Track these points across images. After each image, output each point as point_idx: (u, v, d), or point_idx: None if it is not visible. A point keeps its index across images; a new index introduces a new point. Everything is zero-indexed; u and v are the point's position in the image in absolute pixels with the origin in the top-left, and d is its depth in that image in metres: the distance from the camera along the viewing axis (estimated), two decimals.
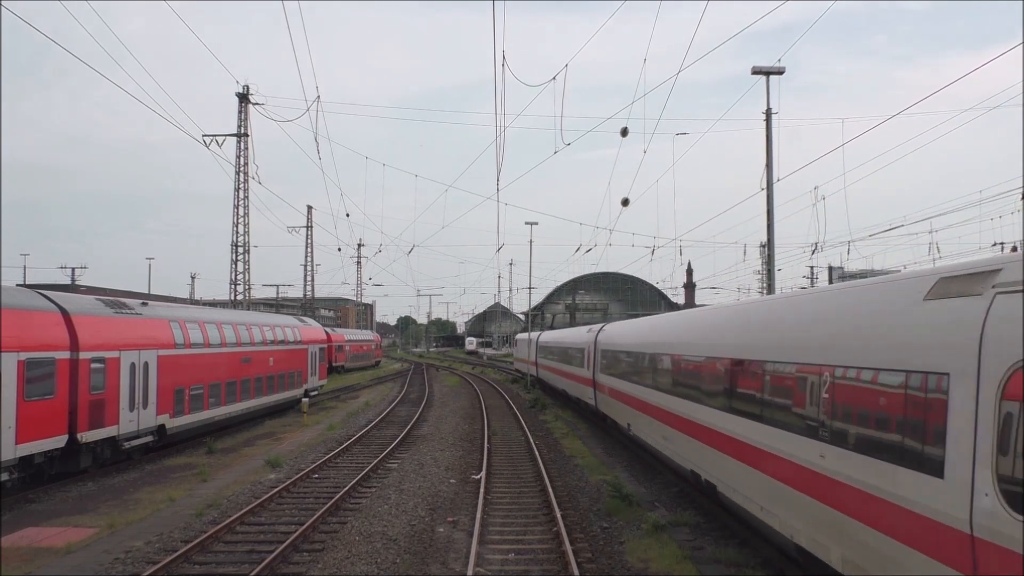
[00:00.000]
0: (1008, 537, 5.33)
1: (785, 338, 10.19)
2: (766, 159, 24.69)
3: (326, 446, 24.74)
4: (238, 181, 46.10)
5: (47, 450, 17.73)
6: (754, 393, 10.88)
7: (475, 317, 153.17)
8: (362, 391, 52.13)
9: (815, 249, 36.60)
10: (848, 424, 7.99)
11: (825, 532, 8.44)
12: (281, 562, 12.16)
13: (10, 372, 16.32)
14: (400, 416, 34.31)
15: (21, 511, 16.31)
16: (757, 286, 66.20)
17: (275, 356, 33.64)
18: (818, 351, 8.89)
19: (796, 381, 9.43)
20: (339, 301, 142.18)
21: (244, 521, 14.74)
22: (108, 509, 16.17)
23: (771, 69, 24.39)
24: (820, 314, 9.48)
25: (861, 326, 8.15)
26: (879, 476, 7.25)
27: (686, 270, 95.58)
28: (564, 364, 37.75)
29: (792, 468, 9.34)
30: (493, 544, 13.09)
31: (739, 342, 12.04)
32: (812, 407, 8.88)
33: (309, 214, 67.33)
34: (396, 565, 11.88)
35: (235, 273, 47.57)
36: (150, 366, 22.36)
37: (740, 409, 11.43)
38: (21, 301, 17.75)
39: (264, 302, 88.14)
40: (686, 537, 13.36)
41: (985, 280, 6.22)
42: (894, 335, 7.36)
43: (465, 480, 18.86)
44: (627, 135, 22.46)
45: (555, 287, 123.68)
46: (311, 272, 68.80)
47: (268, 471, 20.27)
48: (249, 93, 45.21)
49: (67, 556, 12.75)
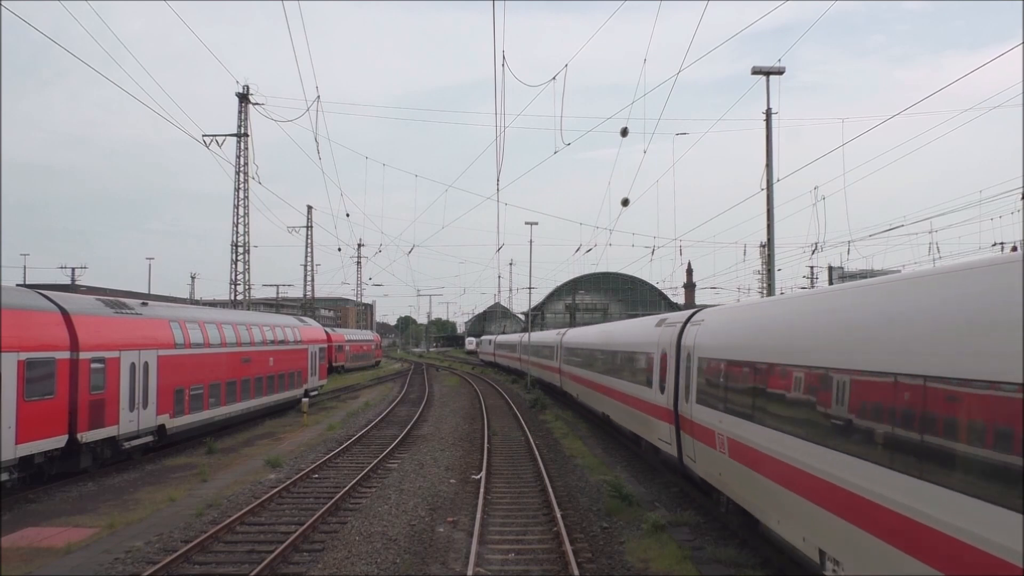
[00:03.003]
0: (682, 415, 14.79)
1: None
2: (766, 159, 24.69)
3: (326, 446, 24.74)
4: (238, 181, 46.12)
5: (47, 450, 17.73)
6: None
7: (475, 317, 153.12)
8: (362, 391, 52.13)
9: (815, 249, 36.63)
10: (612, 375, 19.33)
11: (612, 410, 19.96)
12: (281, 562, 12.16)
13: (10, 372, 16.32)
14: (400, 416, 34.31)
15: (21, 511, 16.31)
16: (757, 286, 66.21)
17: (275, 356, 33.64)
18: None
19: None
20: (339, 301, 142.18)
21: (244, 521, 14.74)
22: (108, 509, 16.17)
23: (771, 69, 24.37)
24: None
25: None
26: (640, 391, 19.08)
27: (686, 270, 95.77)
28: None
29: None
30: (493, 544, 13.09)
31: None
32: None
33: (309, 214, 67.33)
34: (396, 565, 11.88)
35: (235, 273, 47.57)
36: (150, 366, 22.36)
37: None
38: (21, 301, 17.75)
39: (264, 302, 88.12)
40: (686, 537, 13.37)
41: (683, 319, 16.28)
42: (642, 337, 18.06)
43: (465, 480, 18.86)
44: (627, 135, 22.49)
45: (555, 287, 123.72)
46: (311, 272, 68.80)
47: (268, 471, 20.27)
48: (249, 93, 45.20)
49: (67, 556, 12.75)
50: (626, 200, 28.27)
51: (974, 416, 6.05)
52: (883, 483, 7.15)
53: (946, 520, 6.20)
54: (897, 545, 6.87)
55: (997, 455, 5.73)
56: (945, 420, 6.38)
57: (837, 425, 8.27)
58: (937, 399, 6.48)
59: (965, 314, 6.38)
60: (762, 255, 45.86)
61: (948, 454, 6.31)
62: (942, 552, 6.23)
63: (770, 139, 24.73)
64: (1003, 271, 6.17)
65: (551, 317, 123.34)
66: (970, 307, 6.34)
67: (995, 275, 6.20)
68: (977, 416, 6.01)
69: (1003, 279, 6.06)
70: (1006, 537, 5.52)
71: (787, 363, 10.01)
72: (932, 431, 6.55)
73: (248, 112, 45.23)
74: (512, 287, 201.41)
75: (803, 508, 9.17)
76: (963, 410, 6.20)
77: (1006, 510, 5.56)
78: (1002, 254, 9.67)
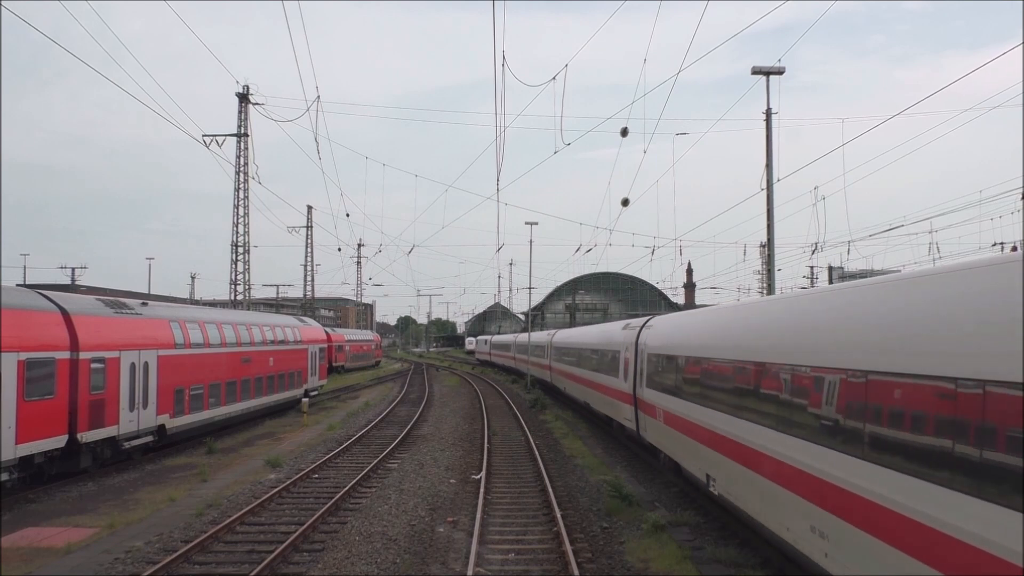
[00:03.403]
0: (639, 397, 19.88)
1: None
2: (766, 159, 24.70)
3: (326, 446, 24.74)
4: (238, 181, 46.11)
5: (47, 450, 17.73)
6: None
7: (475, 317, 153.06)
8: (362, 391, 52.13)
9: (815, 249, 36.65)
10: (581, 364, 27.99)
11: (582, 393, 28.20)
12: (281, 562, 12.17)
13: (10, 372, 16.32)
14: (400, 416, 34.31)
15: (21, 511, 16.31)
16: (757, 286, 66.20)
17: (275, 356, 33.64)
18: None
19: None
20: (339, 301, 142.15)
21: (244, 521, 14.74)
22: (108, 509, 16.17)
23: (771, 69, 24.38)
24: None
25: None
26: (608, 379, 24.55)
27: (686, 270, 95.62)
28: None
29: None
30: (493, 544, 13.09)
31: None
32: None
33: (309, 214, 67.31)
34: (396, 565, 11.88)
35: (235, 273, 47.56)
36: (150, 366, 22.36)
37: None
38: (21, 301, 17.75)
39: (264, 302, 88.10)
40: (686, 537, 13.36)
41: (640, 324, 20.94)
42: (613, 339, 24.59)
43: (465, 480, 18.85)
44: (627, 135, 22.49)
45: (555, 287, 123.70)
46: (311, 272, 68.78)
47: (268, 471, 20.27)
48: (249, 93, 45.18)
49: (67, 556, 12.75)
50: (626, 200, 28.33)
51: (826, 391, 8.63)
52: (738, 426, 11.57)
53: (747, 438, 11.09)
54: (740, 462, 11.43)
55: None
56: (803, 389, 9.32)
57: (720, 395, 12.68)
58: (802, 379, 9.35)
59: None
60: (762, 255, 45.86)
61: (786, 405, 9.75)
62: (750, 459, 10.90)
63: (770, 139, 24.75)
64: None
65: (551, 317, 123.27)
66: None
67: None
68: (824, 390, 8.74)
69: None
70: (812, 458, 8.84)
71: (697, 355, 14.44)
72: (756, 387, 10.95)
73: (248, 112, 45.25)
74: (512, 287, 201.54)
75: (700, 451, 13.94)
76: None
77: (820, 446, 8.64)
78: (1001, 254, 10.17)
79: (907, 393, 6.94)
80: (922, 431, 6.63)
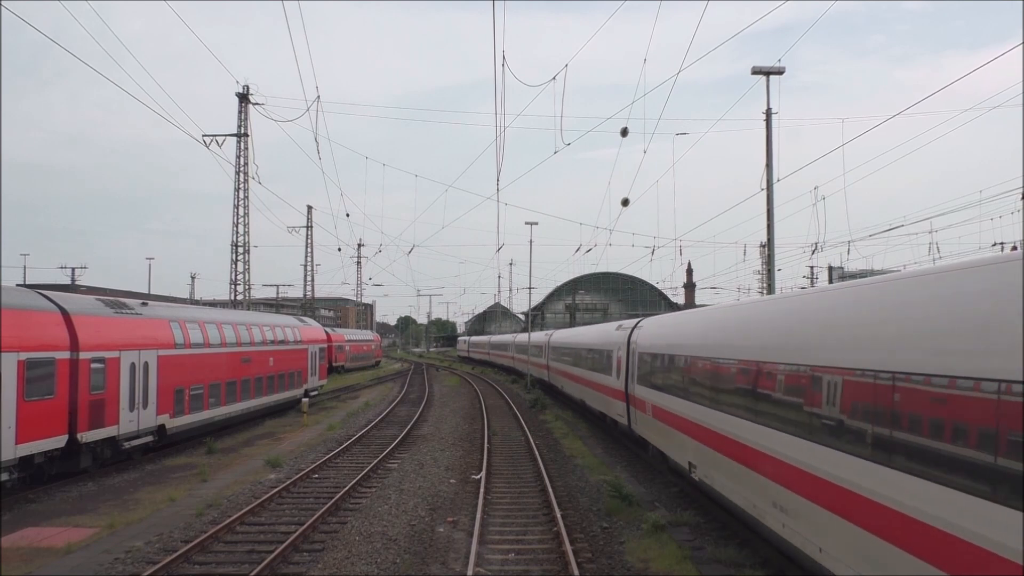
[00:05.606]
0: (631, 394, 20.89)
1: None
2: (766, 159, 24.70)
3: (326, 446, 24.74)
4: (238, 181, 46.11)
5: (47, 450, 17.73)
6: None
7: (475, 317, 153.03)
8: (362, 391, 52.14)
9: (815, 249, 36.64)
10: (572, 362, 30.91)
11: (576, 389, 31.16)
12: (281, 562, 12.17)
13: (10, 372, 16.32)
14: (400, 416, 34.31)
15: (21, 511, 16.31)
16: (757, 286, 66.20)
17: (275, 356, 33.64)
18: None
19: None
20: (339, 301, 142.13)
21: (244, 521, 14.74)
22: (108, 509, 16.17)
23: (771, 69, 24.38)
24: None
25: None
26: (602, 377, 25.69)
27: (686, 270, 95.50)
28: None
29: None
30: (493, 544, 13.09)
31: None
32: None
33: (309, 214, 67.30)
34: (396, 565, 11.88)
35: (235, 273, 47.56)
36: (150, 366, 22.36)
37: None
38: (21, 301, 17.75)
39: (264, 302, 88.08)
40: (686, 537, 13.36)
41: (632, 325, 21.83)
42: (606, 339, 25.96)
43: (465, 480, 18.85)
44: (627, 135, 22.49)
45: (555, 287, 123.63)
46: (311, 272, 68.78)
47: (268, 471, 20.27)
48: (249, 93, 45.18)
49: (67, 556, 12.75)
50: (626, 200, 28.34)
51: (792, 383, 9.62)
52: (713, 417, 12.71)
53: (720, 427, 12.30)
54: (716, 449, 12.61)
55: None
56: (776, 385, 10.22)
57: (698, 389, 13.91)
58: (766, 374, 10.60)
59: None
60: (762, 255, 45.86)
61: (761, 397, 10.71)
62: (724, 446, 12.08)
63: (770, 139, 24.75)
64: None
65: (551, 317, 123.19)
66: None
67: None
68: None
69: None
70: (791, 450, 9.45)
71: (679, 354, 15.68)
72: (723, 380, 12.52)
73: (248, 112, 45.25)
74: (512, 287, 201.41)
75: (683, 441, 15.07)
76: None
77: (789, 435, 9.50)
78: (1001, 253, 10.31)
79: (846, 384, 8.06)
80: (857, 418, 7.79)
